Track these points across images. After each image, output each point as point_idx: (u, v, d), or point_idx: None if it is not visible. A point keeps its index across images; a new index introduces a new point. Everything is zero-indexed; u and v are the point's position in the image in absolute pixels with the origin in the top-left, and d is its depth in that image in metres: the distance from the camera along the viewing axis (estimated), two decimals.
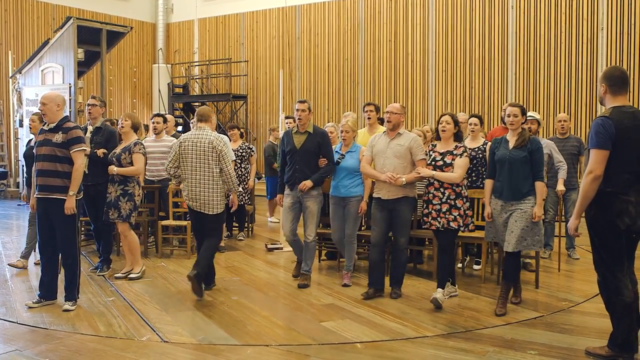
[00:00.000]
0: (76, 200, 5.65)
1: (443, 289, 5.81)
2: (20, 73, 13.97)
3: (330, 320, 5.34)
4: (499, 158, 5.65)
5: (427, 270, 7.15)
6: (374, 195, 6.14)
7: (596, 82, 13.37)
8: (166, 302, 5.91)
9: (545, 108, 13.85)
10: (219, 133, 8.49)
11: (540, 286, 6.54)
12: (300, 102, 6.62)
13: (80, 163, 5.63)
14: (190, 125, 9.14)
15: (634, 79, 12.94)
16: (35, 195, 5.80)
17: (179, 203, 8.51)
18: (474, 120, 7.31)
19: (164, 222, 8.14)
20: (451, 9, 15.13)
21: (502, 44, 14.54)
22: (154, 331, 5.05)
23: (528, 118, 7.20)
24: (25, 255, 7.35)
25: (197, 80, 19.35)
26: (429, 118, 15.29)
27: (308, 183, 6.44)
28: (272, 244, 8.61)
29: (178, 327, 5.16)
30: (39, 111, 6.72)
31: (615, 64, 13.13)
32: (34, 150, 5.90)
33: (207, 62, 19.08)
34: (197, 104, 18.73)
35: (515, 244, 5.48)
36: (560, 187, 7.22)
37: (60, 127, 5.68)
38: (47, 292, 5.80)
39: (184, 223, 8.20)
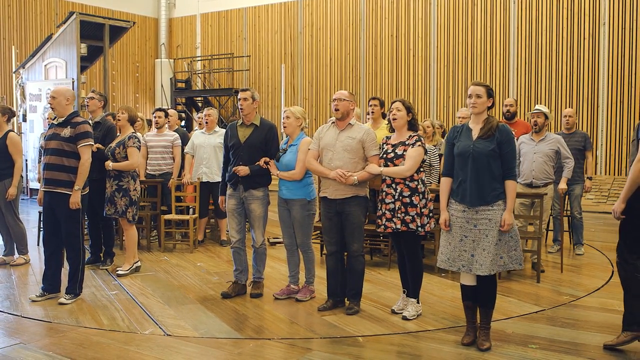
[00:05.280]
0: (81, 195, 5.68)
1: (416, 298, 5.29)
2: (24, 68, 13.98)
3: (332, 314, 5.35)
4: (461, 151, 4.51)
5: (429, 264, 7.15)
6: (321, 194, 5.52)
7: (598, 78, 13.36)
8: (169, 296, 5.94)
9: (546, 103, 13.82)
10: (221, 128, 8.56)
11: (541, 280, 6.54)
12: (243, 90, 5.86)
13: (87, 158, 5.66)
14: (194, 120, 9.14)
15: (636, 74, 12.93)
16: (41, 189, 5.83)
17: (182, 197, 8.55)
18: None
19: (167, 217, 8.17)
20: (453, 3, 15.11)
21: (504, 39, 14.52)
22: (157, 325, 5.07)
23: (534, 111, 7.19)
24: (22, 250, 7.37)
25: (200, 75, 19.35)
26: (431, 113, 15.28)
27: (244, 168, 5.71)
28: (274, 238, 8.62)
29: (181, 320, 5.19)
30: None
31: (617, 59, 13.13)
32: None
33: (210, 57, 19.07)
34: (199, 98, 18.77)
35: (491, 265, 4.39)
36: (562, 185, 7.17)
37: (68, 121, 5.72)
38: (50, 285, 5.83)
39: (187, 217, 8.23)
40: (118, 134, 7.02)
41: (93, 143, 5.83)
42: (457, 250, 4.52)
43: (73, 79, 12.58)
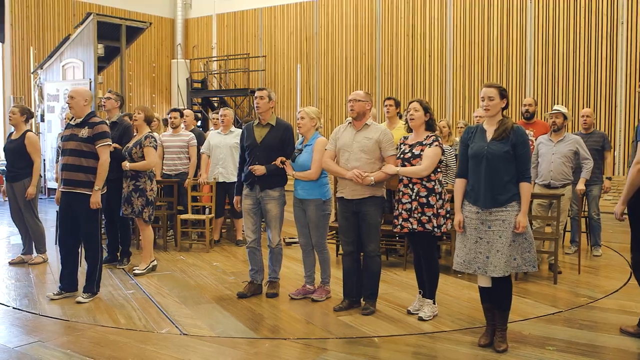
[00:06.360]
0: (101, 195, 5.72)
1: (432, 299, 5.29)
2: (42, 69, 14.11)
3: (347, 315, 5.35)
4: (475, 153, 4.48)
5: (445, 265, 7.12)
6: (337, 194, 5.53)
7: (616, 77, 13.24)
8: (185, 296, 5.96)
9: (564, 103, 13.71)
10: (237, 128, 8.59)
11: (559, 282, 6.49)
12: (260, 89, 5.85)
13: (106, 158, 5.70)
14: (209, 120, 9.17)
15: None
16: (59, 189, 5.88)
17: (198, 197, 8.58)
18: None
19: (183, 216, 8.21)
20: (469, 3, 15.03)
21: (520, 38, 14.42)
22: (174, 324, 5.10)
23: (552, 112, 7.13)
24: (40, 249, 7.43)
25: (216, 75, 19.41)
26: (447, 113, 15.23)
27: (260, 167, 5.71)
28: (289, 238, 8.63)
29: (197, 320, 5.21)
30: (17, 105, 6.97)
31: (635, 58, 12.99)
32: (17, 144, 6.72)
33: (226, 57, 19.13)
34: (215, 98, 18.84)
35: (504, 266, 4.36)
36: (580, 186, 7.10)
37: (86, 122, 5.75)
38: (67, 284, 5.88)
39: (203, 217, 8.27)
40: (135, 133, 7.06)
41: (111, 143, 5.86)
42: (472, 252, 4.49)
43: (90, 79, 12.68)
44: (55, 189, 7.11)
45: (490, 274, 4.41)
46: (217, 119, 8.72)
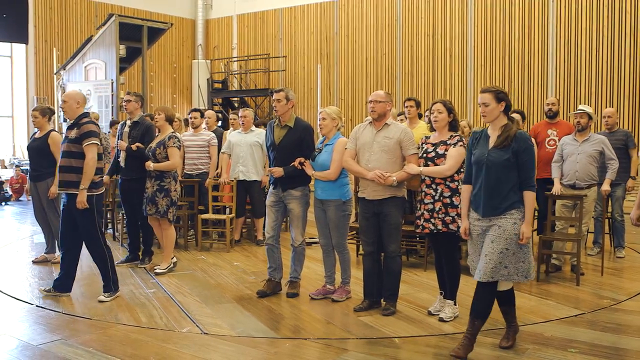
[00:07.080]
0: (96, 195, 5.72)
1: (453, 300, 5.26)
2: (65, 69, 14.25)
3: (368, 315, 5.34)
4: (476, 160, 4.37)
5: (466, 266, 7.06)
6: (359, 195, 5.48)
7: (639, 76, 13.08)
8: (206, 295, 5.99)
9: (586, 102, 13.57)
10: (257, 127, 8.60)
11: (581, 283, 6.42)
12: (277, 91, 5.85)
13: (91, 157, 5.65)
14: (230, 120, 9.20)
15: None
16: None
17: (218, 197, 8.61)
18: (516, 116, 7.17)
19: (204, 216, 8.24)
20: (490, 2, 14.94)
21: (542, 37, 14.30)
22: (194, 323, 5.12)
23: (577, 112, 7.05)
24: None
25: (236, 75, 19.49)
26: (468, 113, 15.14)
27: (278, 170, 5.77)
28: (310, 238, 8.61)
29: (218, 319, 5.23)
30: (36, 107, 7.04)
31: None
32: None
33: (246, 58, 19.20)
34: (235, 99, 18.91)
35: (491, 272, 4.23)
36: (606, 187, 7.02)
37: (76, 123, 5.78)
38: (59, 283, 5.91)
39: (224, 217, 8.29)
40: (157, 133, 7.09)
41: (98, 142, 5.77)
42: (478, 255, 4.45)
43: (112, 80, 12.79)
44: None
45: (475, 277, 4.33)
46: (235, 119, 8.75)
